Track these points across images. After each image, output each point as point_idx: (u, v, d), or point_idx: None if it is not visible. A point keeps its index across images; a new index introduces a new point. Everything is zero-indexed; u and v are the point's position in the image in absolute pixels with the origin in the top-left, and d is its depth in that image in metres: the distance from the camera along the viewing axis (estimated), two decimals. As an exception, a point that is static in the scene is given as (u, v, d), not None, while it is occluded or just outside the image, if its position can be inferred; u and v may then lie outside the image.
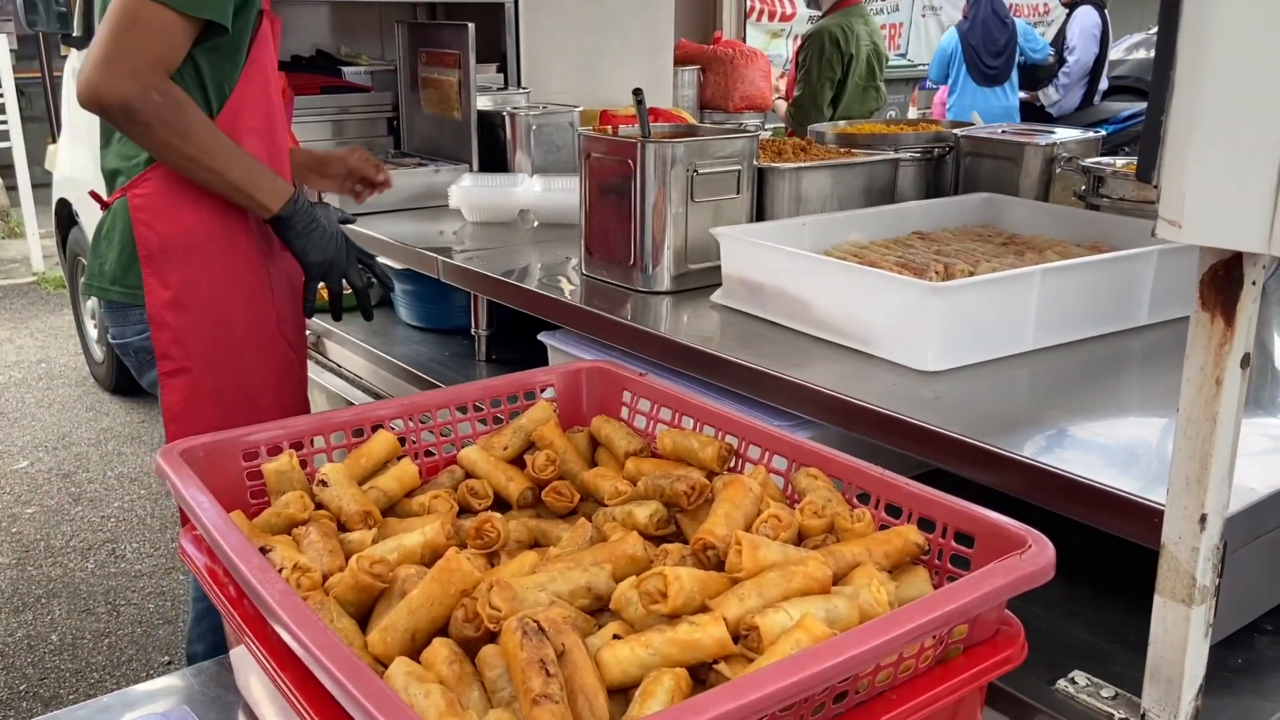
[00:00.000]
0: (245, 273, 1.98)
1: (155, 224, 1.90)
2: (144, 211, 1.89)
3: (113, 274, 1.94)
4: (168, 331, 1.92)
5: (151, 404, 4.98)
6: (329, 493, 1.19)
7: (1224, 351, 0.94)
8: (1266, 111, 0.83)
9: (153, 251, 1.90)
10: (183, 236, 1.90)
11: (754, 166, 2.17)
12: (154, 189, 1.89)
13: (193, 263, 1.92)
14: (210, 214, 1.92)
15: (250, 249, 1.99)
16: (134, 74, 1.71)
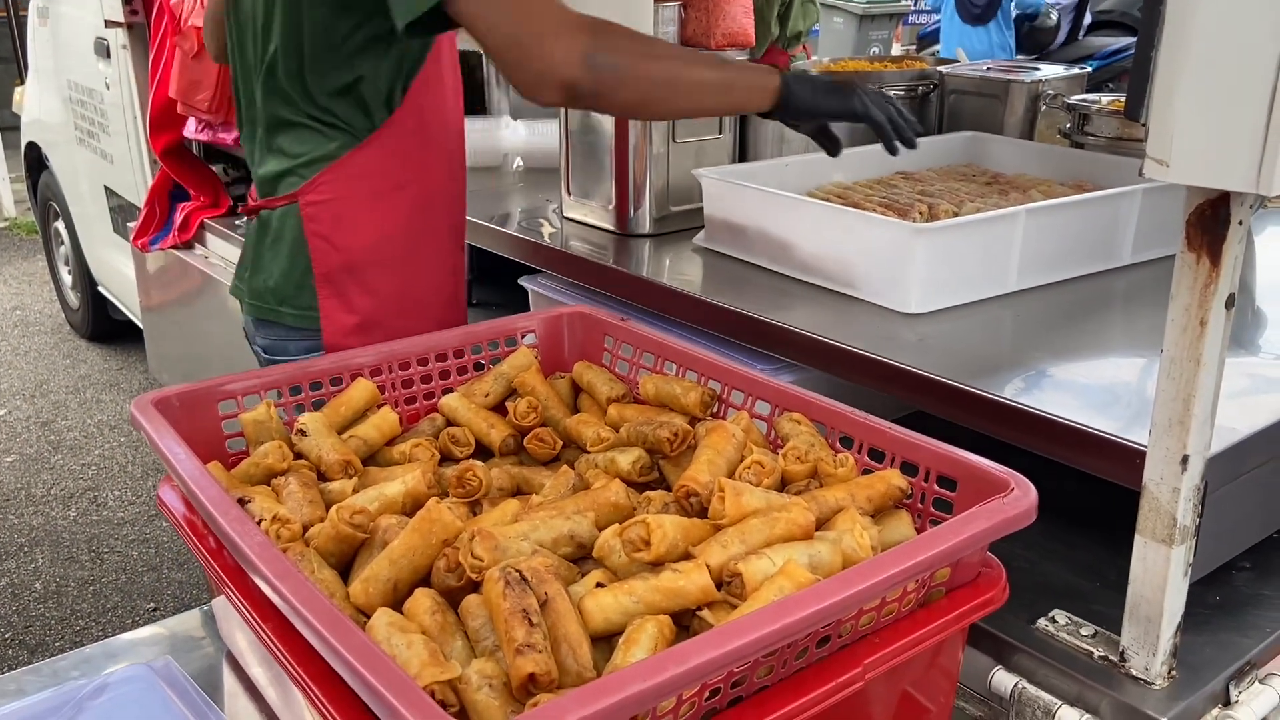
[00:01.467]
0: (437, 288, 1.74)
1: (335, 238, 1.61)
2: (319, 223, 1.61)
3: (281, 292, 1.66)
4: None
5: (129, 350, 4.93)
6: (308, 442, 1.18)
7: (1209, 292, 0.94)
8: (1256, 50, 0.81)
9: (331, 271, 1.62)
10: (369, 253, 1.62)
11: (736, 106, 2.13)
12: (331, 195, 1.60)
13: (381, 285, 1.65)
14: (400, 226, 1.65)
15: (444, 258, 1.74)
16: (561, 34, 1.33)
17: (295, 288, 1.66)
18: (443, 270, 1.76)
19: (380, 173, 1.63)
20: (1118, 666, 1.09)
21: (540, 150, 2.69)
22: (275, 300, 1.68)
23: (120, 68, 3.52)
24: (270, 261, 1.68)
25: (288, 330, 1.69)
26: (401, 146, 1.64)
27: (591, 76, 1.34)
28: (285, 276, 1.66)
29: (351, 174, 1.61)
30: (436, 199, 1.72)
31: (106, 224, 4.22)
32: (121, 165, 3.79)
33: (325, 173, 1.61)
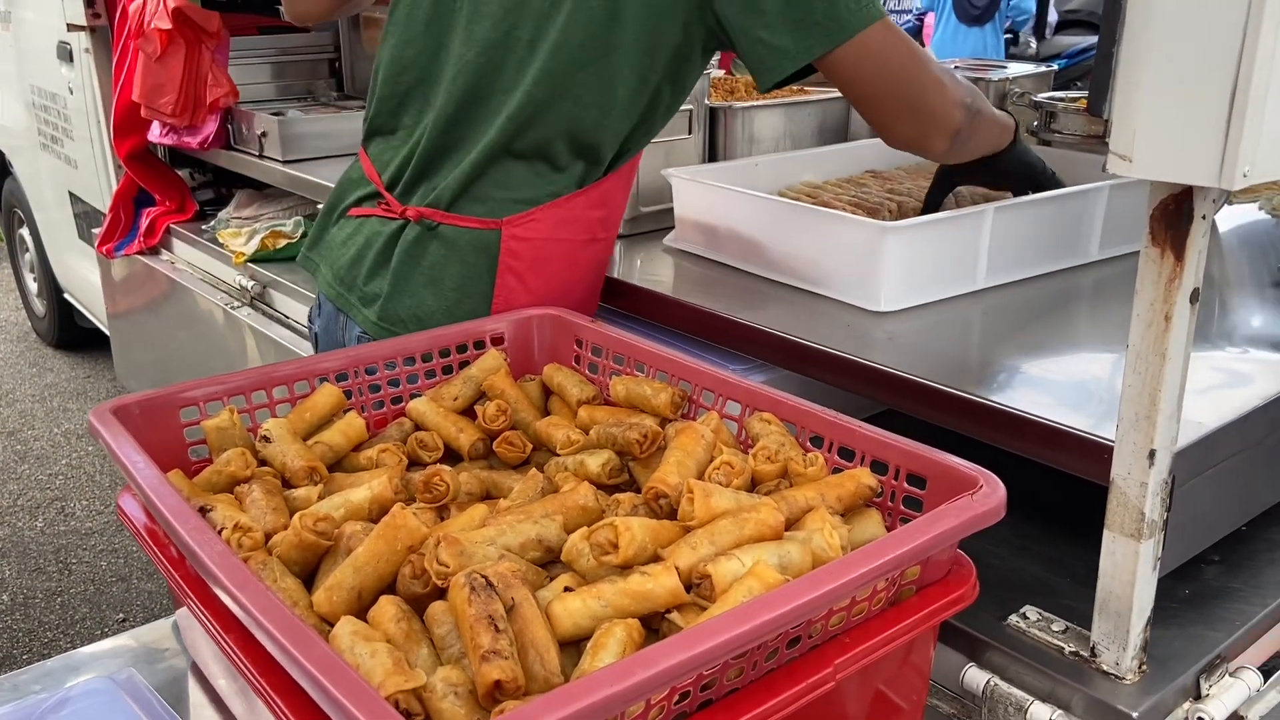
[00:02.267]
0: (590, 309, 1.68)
1: (530, 279, 1.54)
2: (520, 259, 1.52)
3: (429, 318, 1.54)
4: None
5: (96, 358, 4.87)
6: (272, 449, 1.16)
7: (1173, 287, 0.94)
8: (1217, 45, 0.81)
9: (512, 307, 1.54)
10: (552, 299, 1.55)
11: (706, 106, 2.14)
12: (540, 235, 1.53)
13: None
14: (583, 278, 1.61)
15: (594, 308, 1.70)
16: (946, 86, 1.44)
17: (447, 313, 1.54)
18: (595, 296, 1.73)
19: (588, 221, 1.58)
20: (1088, 662, 1.10)
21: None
22: (419, 325, 1.54)
23: (83, 72, 3.47)
24: (425, 286, 1.54)
25: None
26: (612, 199, 1.61)
27: (966, 123, 1.46)
28: (448, 309, 1.54)
29: (565, 217, 1.55)
30: (609, 254, 1.69)
31: (72, 230, 4.17)
32: (86, 170, 3.74)
33: (542, 209, 1.53)
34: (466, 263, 1.54)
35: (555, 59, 1.47)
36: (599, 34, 1.45)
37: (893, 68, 1.41)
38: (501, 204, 1.54)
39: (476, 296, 1.55)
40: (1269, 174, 0.85)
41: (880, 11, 1.39)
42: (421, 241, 1.56)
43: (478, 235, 1.54)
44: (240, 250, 2.79)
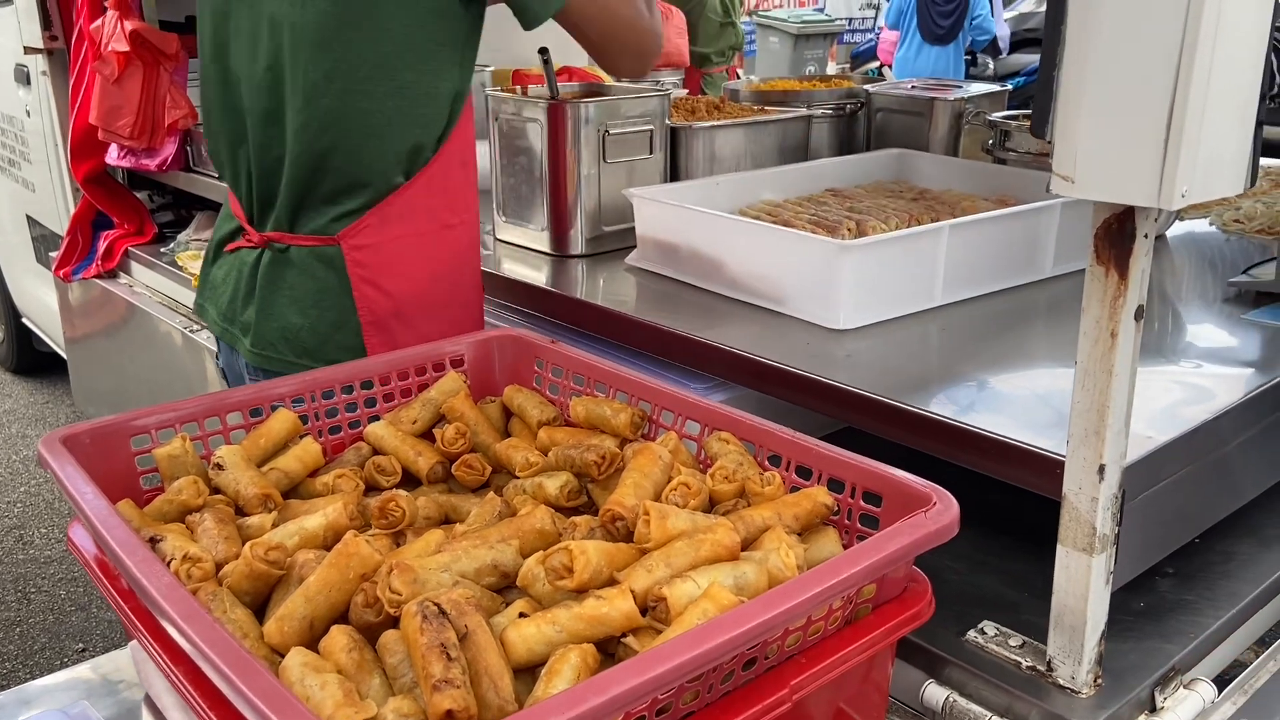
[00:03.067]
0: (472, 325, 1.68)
1: (385, 283, 1.54)
2: (369, 269, 1.52)
3: (301, 343, 1.55)
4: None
5: (55, 383, 4.80)
6: (225, 476, 1.15)
7: (1118, 304, 0.95)
8: (1155, 68, 0.83)
9: (381, 317, 1.54)
10: (420, 297, 1.56)
11: (667, 126, 2.14)
12: (378, 239, 1.53)
13: (429, 328, 1.57)
14: (448, 266, 1.61)
15: (477, 298, 1.70)
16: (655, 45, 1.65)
17: (321, 340, 1.55)
18: (476, 310, 1.72)
19: (429, 209, 1.57)
20: (1045, 676, 1.10)
21: (473, 172, 2.67)
22: (293, 352, 1.56)
23: (40, 94, 3.44)
24: (288, 306, 1.56)
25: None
26: (450, 177, 1.59)
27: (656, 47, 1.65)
28: (312, 326, 1.55)
29: (401, 213, 1.54)
30: (474, 234, 1.68)
31: (29, 254, 4.11)
32: (44, 194, 3.70)
33: (370, 215, 1.53)
34: (318, 279, 1.56)
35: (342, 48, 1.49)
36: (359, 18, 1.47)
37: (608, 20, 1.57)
38: (334, 219, 1.55)
39: (339, 309, 1.56)
40: (1207, 194, 0.87)
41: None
42: (277, 265, 1.58)
43: (321, 252, 1.55)
44: (199, 274, 2.76)
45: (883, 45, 7.81)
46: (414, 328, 1.59)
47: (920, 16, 6.98)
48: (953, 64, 6.96)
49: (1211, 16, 0.81)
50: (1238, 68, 0.86)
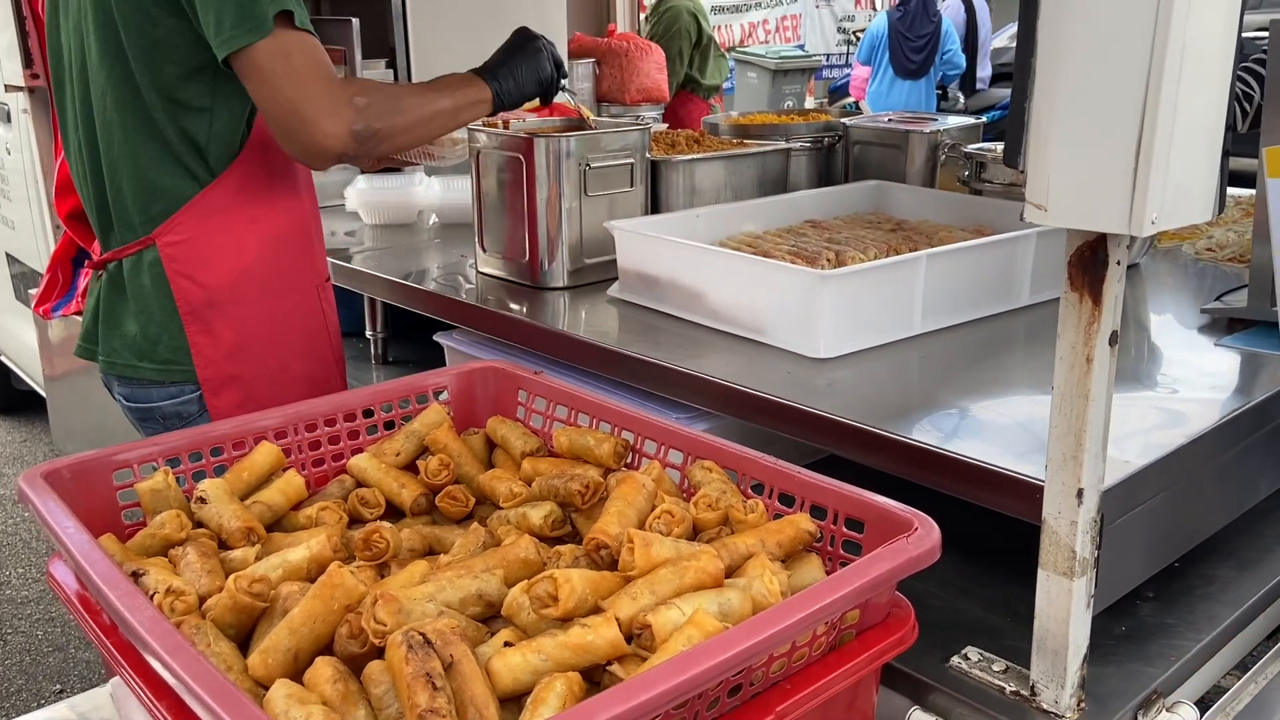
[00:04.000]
0: (303, 317, 1.76)
1: (197, 274, 1.63)
2: (181, 262, 1.62)
3: (139, 347, 1.65)
4: (230, 393, 1.67)
5: (33, 422, 4.75)
6: (208, 510, 1.14)
7: (1093, 330, 0.97)
8: (1123, 99, 0.85)
9: (196, 307, 1.63)
10: (231, 287, 1.65)
11: (647, 159, 2.16)
12: (191, 234, 1.62)
13: (245, 316, 1.67)
14: (259, 256, 1.68)
15: (305, 289, 1.76)
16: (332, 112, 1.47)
17: (153, 341, 1.65)
18: (307, 300, 1.78)
19: (234, 207, 1.66)
20: (1029, 701, 1.11)
21: (455, 206, 2.68)
22: (134, 356, 1.67)
23: (21, 132, 3.44)
24: (124, 315, 1.67)
25: (150, 382, 1.68)
26: (252, 182, 1.67)
27: (356, 145, 1.51)
28: (143, 329, 1.65)
29: (206, 211, 1.63)
30: (290, 232, 1.75)
31: (8, 291, 4.09)
32: (23, 231, 3.69)
33: (182, 213, 1.62)
34: (143, 283, 1.65)
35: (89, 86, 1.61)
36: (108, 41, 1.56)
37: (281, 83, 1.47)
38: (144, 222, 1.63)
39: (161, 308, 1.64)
40: (1176, 221, 0.89)
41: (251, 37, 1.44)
42: (113, 281, 1.69)
43: (141, 256, 1.64)
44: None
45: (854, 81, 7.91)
46: (228, 317, 1.67)
47: (892, 52, 7.08)
48: (924, 98, 7.06)
49: (1176, 50, 0.83)
50: (1203, 99, 0.88)
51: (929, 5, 6.94)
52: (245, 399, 1.67)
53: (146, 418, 1.72)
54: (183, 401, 1.68)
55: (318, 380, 1.78)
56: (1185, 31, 0.84)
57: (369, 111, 1.51)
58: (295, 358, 1.76)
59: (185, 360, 1.66)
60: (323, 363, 1.82)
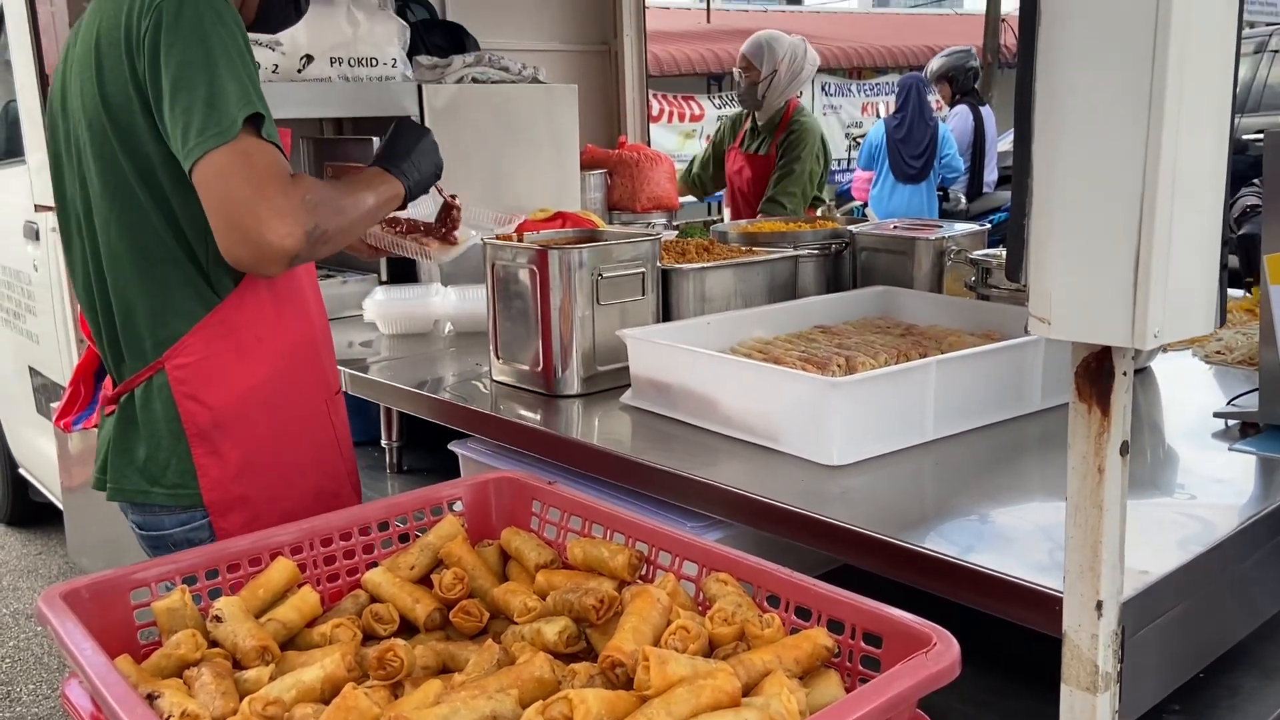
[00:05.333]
0: (311, 428, 1.77)
1: (203, 395, 1.65)
2: (188, 384, 1.64)
3: (150, 473, 1.67)
4: (237, 514, 1.67)
5: (48, 535, 4.76)
6: (223, 629, 1.14)
7: (1103, 440, 0.97)
8: (1119, 216, 0.88)
9: (204, 429, 1.65)
10: (237, 405, 1.67)
11: (658, 268, 2.21)
12: (198, 356, 1.64)
13: (251, 434, 1.68)
14: (265, 375, 1.70)
15: (315, 405, 1.78)
16: (288, 214, 1.48)
17: (162, 467, 1.66)
18: (315, 414, 1.79)
19: (239, 327, 1.68)
20: (1058, 820, 1.08)
21: (471, 315, 2.73)
22: (145, 482, 1.68)
23: (49, 250, 3.53)
24: (135, 442, 1.68)
25: (160, 508, 1.69)
26: (258, 300, 1.70)
27: (308, 246, 1.53)
28: (152, 454, 1.67)
29: (212, 334, 1.66)
30: (298, 350, 1.77)
31: (30, 404, 4.14)
32: (47, 345, 3.75)
33: (190, 336, 1.65)
34: (154, 409, 1.66)
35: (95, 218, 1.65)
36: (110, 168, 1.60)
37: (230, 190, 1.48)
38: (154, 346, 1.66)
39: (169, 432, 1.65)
40: (1179, 334, 0.91)
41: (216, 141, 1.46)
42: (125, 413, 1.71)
43: (151, 383, 1.66)
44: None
45: (856, 183, 8.05)
46: (234, 437, 1.68)
47: (891, 158, 7.21)
48: (926, 201, 7.17)
49: (1168, 170, 0.86)
50: (1198, 215, 0.90)
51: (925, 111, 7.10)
52: (252, 519, 1.66)
53: (159, 545, 1.71)
54: (194, 528, 1.67)
55: (328, 494, 1.77)
56: (1176, 151, 0.86)
57: (318, 211, 1.54)
58: (304, 473, 1.75)
59: (193, 484, 1.66)
60: (333, 476, 1.81)
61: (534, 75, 4.08)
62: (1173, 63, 0.84)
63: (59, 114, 1.71)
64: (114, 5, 1.56)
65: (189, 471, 1.65)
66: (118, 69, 1.54)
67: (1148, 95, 0.84)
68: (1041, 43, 0.90)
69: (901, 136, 7.09)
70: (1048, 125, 0.90)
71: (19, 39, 3.21)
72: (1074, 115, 0.88)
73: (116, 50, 1.54)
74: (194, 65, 1.47)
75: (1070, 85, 0.88)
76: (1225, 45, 0.90)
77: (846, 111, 15.51)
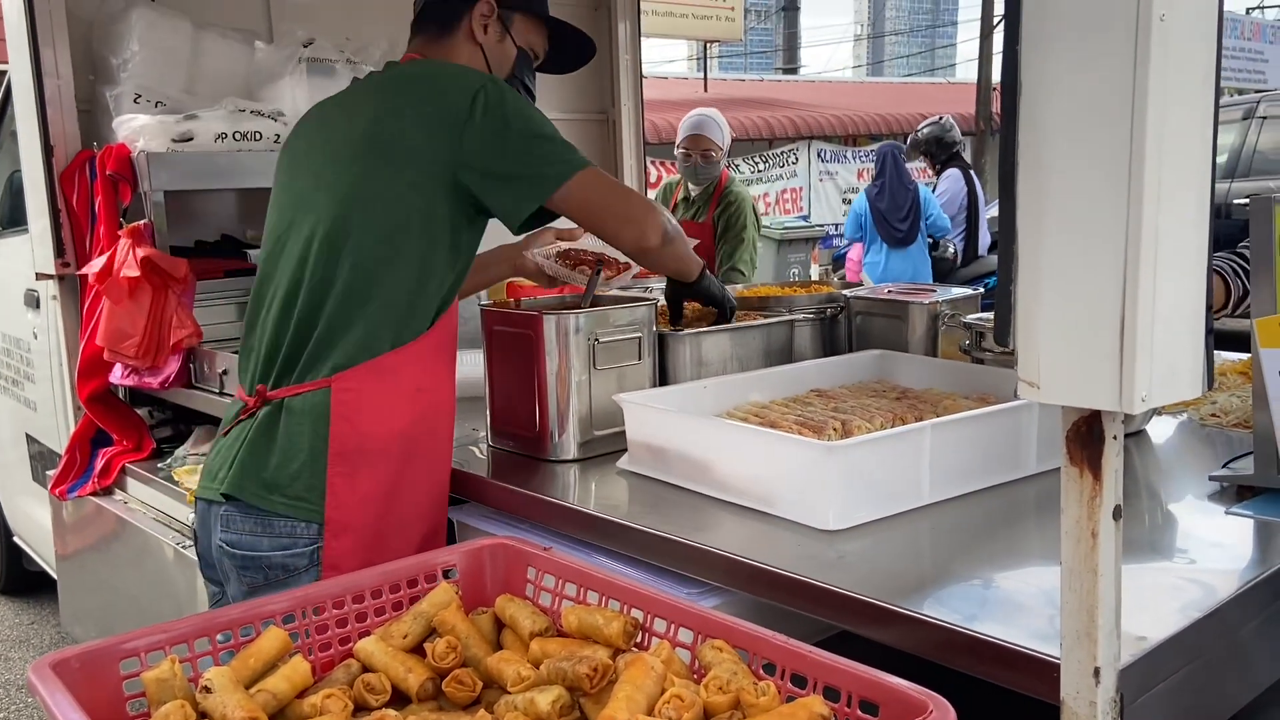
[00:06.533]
0: (428, 490, 1.91)
1: (358, 420, 1.78)
2: (349, 407, 1.77)
3: (276, 481, 1.77)
4: (349, 537, 1.77)
5: (43, 603, 4.71)
6: (213, 700, 1.13)
7: (1095, 504, 0.97)
8: (1102, 279, 0.89)
9: (347, 450, 1.77)
10: (383, 440, 1.80)
11: (654, 332, 2.22)
12: (365, 384, 1.79)
13: (384, 471, 1.80)
14: (412, 420, 1.83)
15: (437, 463, 1.93)
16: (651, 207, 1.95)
17: (292, 477, 1.77)
18: (439, 472, 1.94)
19: (408, 373, 1.84)
20: None
21: (468, 380, 2.72)
22: (266, 489, 1.77)
23: (49, 317, 3.55)
24: (268, 450, 1.78)
25: (269, 523, 1.78)
26: (429, 354, 1.88)
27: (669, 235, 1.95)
28: (285, 463, 1.77)
29: (385, 371, 1.81)
30: (443, 407, 1.94)
31: (26, 472, 4.12)
32: (45, 412, 3.75)
33: (365, 366, 1.80)
34: (305, 419, 1.78)
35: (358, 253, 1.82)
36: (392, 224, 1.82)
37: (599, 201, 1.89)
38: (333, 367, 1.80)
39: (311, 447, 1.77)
40: (1167, 398, 0.91)
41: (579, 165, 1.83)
42: (271, 417, 1.82)
43: (313, 395, 1.79)
44: (194, 488, 2.77)
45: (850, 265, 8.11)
46: (374, 466, 1.81)
47: (878, 225, 7.29)
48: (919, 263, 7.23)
49: (1150, 235, 0.88)
50: (1182, 280, 0.92)
51: (903, 176, 7.21)
52: (360, 546, 1.77)
53: (248, 566, 1.79)
54: (294, 554, 1.77)
55: (428, 547, 1.87)
56: (1157, 218, 0.88)
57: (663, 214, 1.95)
58: (417, 520, 1.88)
59: (319, 500, 1.76)
60: (437, 531, 1.94)
61: (533, 144, 4.14)
62: (1151, 132, 0.86)
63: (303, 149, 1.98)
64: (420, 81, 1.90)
65: (318, 488, 1.76)
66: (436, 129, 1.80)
67: (1127, 164, 0.86)
68: (1023, 113, 0.92)
69: (885, 205, 7.19)
70: (1031, 193, 0.92)
71: (25, 111, 3.26)
72: (1056, 184, 0.90)
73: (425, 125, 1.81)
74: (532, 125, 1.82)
75: (1052, 155, 0.90)
76: (1203, 113, 0.93)
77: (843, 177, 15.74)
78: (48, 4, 3.10)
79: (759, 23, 36.70)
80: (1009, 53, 0.91)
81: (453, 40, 2.02)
